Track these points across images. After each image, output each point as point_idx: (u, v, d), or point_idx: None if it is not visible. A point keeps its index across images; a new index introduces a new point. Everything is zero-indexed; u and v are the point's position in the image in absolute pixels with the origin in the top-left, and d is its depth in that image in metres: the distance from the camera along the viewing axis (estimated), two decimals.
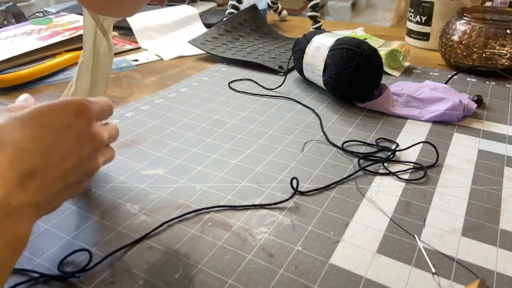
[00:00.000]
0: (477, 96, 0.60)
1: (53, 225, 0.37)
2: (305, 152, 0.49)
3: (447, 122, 0.55)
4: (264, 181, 0.43)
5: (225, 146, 0.50)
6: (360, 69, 0.56)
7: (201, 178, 0.44)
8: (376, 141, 0.50)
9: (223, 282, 0.31)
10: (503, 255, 0.34)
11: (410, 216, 0.38)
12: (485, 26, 0.70)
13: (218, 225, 0.37)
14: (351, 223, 0.37)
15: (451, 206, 0.39)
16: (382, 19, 1.77)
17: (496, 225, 0.37)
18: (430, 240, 0.35)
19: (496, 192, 0.41)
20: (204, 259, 0.33)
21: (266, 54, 0.83)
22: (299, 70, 0.69)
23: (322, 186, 0.42)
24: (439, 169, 0.45)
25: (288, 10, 1.23)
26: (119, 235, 0.36)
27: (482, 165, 0.46)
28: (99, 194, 0.41)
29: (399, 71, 0.75)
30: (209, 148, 0.50)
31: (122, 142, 0.51)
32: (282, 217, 0.38)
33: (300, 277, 0.32)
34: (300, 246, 0.35)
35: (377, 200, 0.40)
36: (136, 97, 0.66)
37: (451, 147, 0.50)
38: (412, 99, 0.59)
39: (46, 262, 0.33)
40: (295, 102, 0.62)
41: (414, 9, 0.89)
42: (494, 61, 0.70)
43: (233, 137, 0.52)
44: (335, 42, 0.60)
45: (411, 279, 0.31)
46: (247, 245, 0.35)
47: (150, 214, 0.39)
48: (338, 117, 0.58)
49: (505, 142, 0.51)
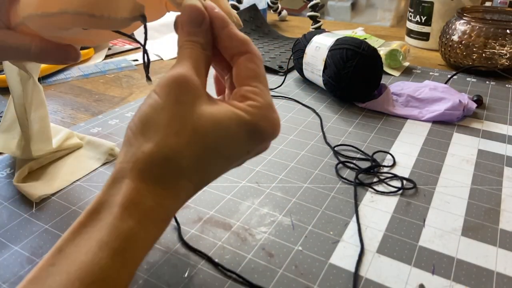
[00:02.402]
0: (477, 96, 0.60)
1: (53, 225, 0.37)
2: (305, 152, 0.49)
3: (447, 122, 0.55)
4: (264, 181, 0.43)
5: None
6: (360, 69, 0.56)
7: None
8: (372, 155, 0.49)
9: (223, 282, 0.31)
10: (503, 255, 0.34)
11: (410, 216, 0.38)
12: (485, 26, 0.70)
13: (218, 225, 0.37)
14: (351, 223, 0.37)
15: (451, 206, 0.39)
16: (382, 19, 1.77)
17: (496, 225, 0.37)
18: (430, 240, 0.35)
19: (496, 192, 0.42)
20: (204, 259, 0.33)
21: (266, 54, 0.83)
22: (299, 70, 0.69)
23: (322, 185, 0.42)
24: (439, 169, 0.45)
25: (288, 10, 1.24)
26: None
27: (482, 165, 0.46)
28: None
29: (399, 71, 0.75)
30: None
31: (122, 142, 0.51)
32: (282, 217, 0.38)
33: (300, 277, 0.32)
34: (300, 246, 0.35)
35: (377, 200, 0.40)
36: (136, 97, 0.66)
37: (451, 147, 0.50)
38: (412, 99, 0.59)
39: None
40: (295, 102, 0.63)
41: (414, 9, 0.89)
42: (494, 61, 0.70)
43: None
44: (335, 42, 0.60)
45: (411, 279, 0.31)
46: (247, 245, 0.35)
47: None
48: (338, 117, 0.58)
49: (505, 142, 0.51)
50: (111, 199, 0.23)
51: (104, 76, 0.76)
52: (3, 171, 0.45)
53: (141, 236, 0.22)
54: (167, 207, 0.24)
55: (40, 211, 0.39)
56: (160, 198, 0.24)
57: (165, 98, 0.24)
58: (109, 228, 0.22)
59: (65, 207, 0.39)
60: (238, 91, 0.27)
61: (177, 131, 0.24)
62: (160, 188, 0.24)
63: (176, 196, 0.25)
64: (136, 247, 0.22)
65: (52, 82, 0.72)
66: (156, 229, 0.24)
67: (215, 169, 0.26)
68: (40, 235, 0.36)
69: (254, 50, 0.27)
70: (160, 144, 0.24)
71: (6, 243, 0.35)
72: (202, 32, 0.27)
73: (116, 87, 0.70)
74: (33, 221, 0.38)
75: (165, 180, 0.24)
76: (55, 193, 0.42)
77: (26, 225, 0.37)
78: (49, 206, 0.40)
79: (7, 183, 0.43)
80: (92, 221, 0.22)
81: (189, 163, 0.24)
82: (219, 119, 0.25)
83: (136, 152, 0.24)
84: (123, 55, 0.87)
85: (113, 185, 0.24)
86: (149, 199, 0.23)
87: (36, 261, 0.33)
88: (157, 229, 0.24)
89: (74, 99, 0.65)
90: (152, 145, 0.24)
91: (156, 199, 0.23)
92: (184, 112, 0.24)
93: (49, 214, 0.38)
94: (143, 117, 0.25)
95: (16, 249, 0.35)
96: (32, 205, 0.40)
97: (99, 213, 0.23)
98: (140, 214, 0.23)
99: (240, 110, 0.25)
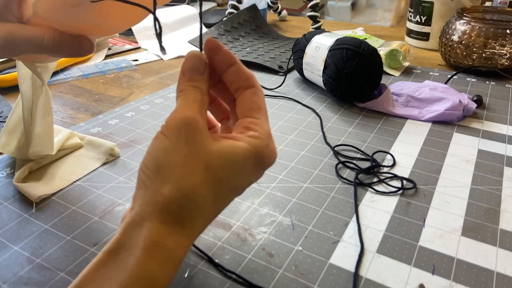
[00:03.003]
0: (476, 96, 0.60)
1: (53, 225, 0.37)
2: (305, 152, 0.49)
3: (447, 122, 0.55)
4: (264, 181, 0.43)
5: None
6: (360, 69, 0.56)
7: None
8: (372, 155, 0.50)
9: (223, 282, 0.31)
10: (503, 255, 0.34)
11: (410, 216, 0.38)
12: (485, 26, 0.70)
13: (218, 225, 0.37)
14: (351, 223, 0.37)
15: (451, 206, 0.39)
16: (382, 19, 1.77)
17: (496, 225, 0.37)
18: (430, 240, 0.35)
19: (496, 192, 0.42)
20: (204, 259, 0.33)
21: (266, 54, 0.83)
22: (299, 70, 0.69)
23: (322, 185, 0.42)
24: (439, 169, 0.45)
25: (288, 10, 1.24)
26: None
27: (481, 165, 0.46)
28: (99, 194, 0.41)
29: (399, 71, 0.75)
30: None
31: (122, 142, 0.51)
32: (282, 217, 0.38)
33: (300, 277, 0.32)
34: (300, 246, 0.35)
35: (377, 200, 0.40)
36: (136, 97, 0.66)
37: (450, 147, 0.50)
38: (412, 99, 0.59)
39: (46, 262, 0.33)
40: (295, 102, 0.63)
41: (414, 9, 0.89)
42: (494, 61, 0.70)
43: None
44: (335, 42, 0.60)
45: (411, 279, 0.31)
46: (247, 245, 0.35)
47: None
48: (338, 117, 0.58)
49: (505, 142, 0.51)
50: (132, 241, 0.23)
51: (104, 76, 0.76)
52: (3, 171, 0.45)
53: (161, 278, 0.23)
54: (185, 247, 0.25)
55: (40, 211, 0.39)
56: (179, 238, 0.24)
57: (176, 139, 0.25)
58: (131, 270, 0.22)
59: (65, 207, 0.39)
60: (241, 122, 0.28)
61: (192, 171, 0.25)
62: (179, 228, 0.24)
63: (192, 234, 0.26)
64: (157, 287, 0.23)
65: (52, 82, 0.72)
66: (174, 269, 0.24)
67: (226, 202, 0.28)
68: (40, 235, 0.36)
69: (258, 85, 0.30)
70: (179, 184, 0.24)
71: (6, 243, 0.35)
72: (203, 79, 0.29)
73: (116, 87, 0.70)
74: (33, 221, 0.38)
75: (184, 219, 0.25)
76: (55, 193, 0.42)
77: (26, 225, 0.37)
78: (49, 206, 0.40)
79: (7, 183, 0.43)
80: (113, 262, 0.23)
81: (206, 200, 0.25)
82: (227, 155, 0.26)
83: (155, 195, 0.25)
84: (123, 55, 0.87)
85: (132, 228, 0.24)
86: (170, 240, 0.24)
87: (36, 261, 0.33)
88: (175, 268, 0.24)
89: (74, 99, 0.65)
90: (171, 186, 0.24)
91: (176, 239, 0.24)
92: (196, 152, 0.25)
93: (49, 214, 0.38)
94: (158, 160, 0.25)
95: (16, 249, 0.35)
96: (32, 205, 0.40)
97: (119, 254, 0.23)
98: (162, 256, 0.23)
99: (244, 142, 0.27)
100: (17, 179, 0.42)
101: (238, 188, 0.28)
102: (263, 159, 0.27)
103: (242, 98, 0.29)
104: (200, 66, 0.29)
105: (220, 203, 0.27)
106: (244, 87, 0.29)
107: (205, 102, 0.29)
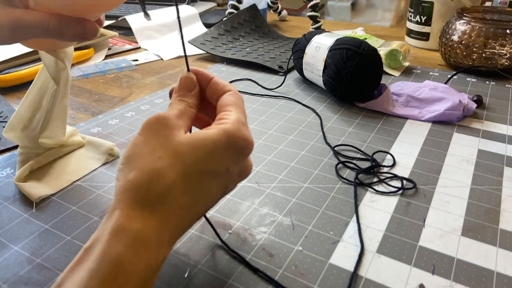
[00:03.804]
0: (477, 96, 0.60)
1: (53, 225, 0.37)
2: (305, 152, 0.49)
3: (447, 122, 0.55)
4: (264, 181, 0.43)
5: None
6: (360, 69, 0.56)
7: None
8: (372, 155, 0.50)
9: (223, 282, 0.31)
10: (503, 255, 0.34)
11: (410, 216, 0.38)
12: (485, 26, 0.70)
13: (218, 225, 0.37)
14: (351, 223, 0.37)
15: (451, 206, 0.39)
16: (382, 19, 1.77)
17: (496, 225, 0.37)
18: (430, 240, 0.35)
19: (496, 192, 0.42)
20: (204, 259, 0.33)
21: (266, 54, 0.83)
22: (299, 70, 0.69)
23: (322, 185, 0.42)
24: (439, 169, 0.45)
25: (288, 10, 1.24)
26: None
27: (482, 165, 0.46)
28: (99, 194, 0.41)
29: (399, 71, 0.75)
30: None
31: (122, 142, 0.51)
32: (282, 217, 0.38)
33: (300, 277, 0.32)
34: (300, 246, 0.35)
35: (377, 200, 0.40)
36: (136, 97, 0.66)
37: (450, 147, 0.50)
38: (412, 99, 0.59)
39: (46, 262, 0.33)
40: (295, 102, 0.63)
41: (414, 9, 0.89)
42: (494, 61, 0.70)
43: None
44: (335, 42, 0.60)
45: (411, 279, 0.31)
46: (247, 245, 0.35)
47: None
48: (338, 117, 0.58)
49: (505, 142, 0.51)
50: (104, 233, 0.24)
51: (104, 76, 0.76)
52: (3, 171, 0.45)
53: (131, 261, 0.23)
54: (158, 231, 0.25)
55: (40, 211, 0.39)
56: (148, 221, 0.24)
57: (146, 133, 0.27)
58: (99, 256, 0.22)
59: (65, 207, 0.39)
60: (216, 118, 0.30)
61: (159, 156, 0.26)
62: (148, 212, 0.25)
63: (165, 219, 0.25)
64: (127, 272, 0.23)
65: None
66: (148, 253, 0.24)
67: (203, 188, 0.27)
68: (40, 235, 0.36)
69: (235, 89, 0.32)
70: (144, 168, 0.25)
71: (6, 243, 0.35)
72: (192, 96, 0.32)
73: (116, 87, 0.70)
74: (33, 221, 0.38)
75: (153, 203, 0.25)
76: (55, 193, 0.42)
77: (26, 225, 0.37)
78: (49, 206, 0.40)
79: (7, 183, 0.43)
80: (87, 255, 0.23)
81: (175, 183, 0.25)
82: (196, 141, 0.27)
83: (123, 184, 0.25)
84: (123, 55, 0.87)
85: (106, 221, 0.25)
86: (137, 223, 0.24)
87: (36, 261, 0.33)
88: (150, 253, 0.24)
89: (74, 99, 0.65)
90: (137, 172, 0.25)
91: (145, 222, 0.24)
92: (164, 142, 0.27)
93: (49, 214, 0.38)
94: (127, 153, 0.27)
95: (16, 249, 0.35)
96: (32, 205, 0.40)
97: (93, 247, 0.23)
98: (129, 238, 0.23)
99: (214, 129, 0.28)
100: (18, 178, 0.42)
101: (214, 172, 0.28)
102: (234, 141, 0.28)
103: (220, 101, 0.31)
104: (190, 84, 0.32)
105: (195, 187, 0.27)
106: (222, 93, 0.32)
107: (189, 112, 0.30)
